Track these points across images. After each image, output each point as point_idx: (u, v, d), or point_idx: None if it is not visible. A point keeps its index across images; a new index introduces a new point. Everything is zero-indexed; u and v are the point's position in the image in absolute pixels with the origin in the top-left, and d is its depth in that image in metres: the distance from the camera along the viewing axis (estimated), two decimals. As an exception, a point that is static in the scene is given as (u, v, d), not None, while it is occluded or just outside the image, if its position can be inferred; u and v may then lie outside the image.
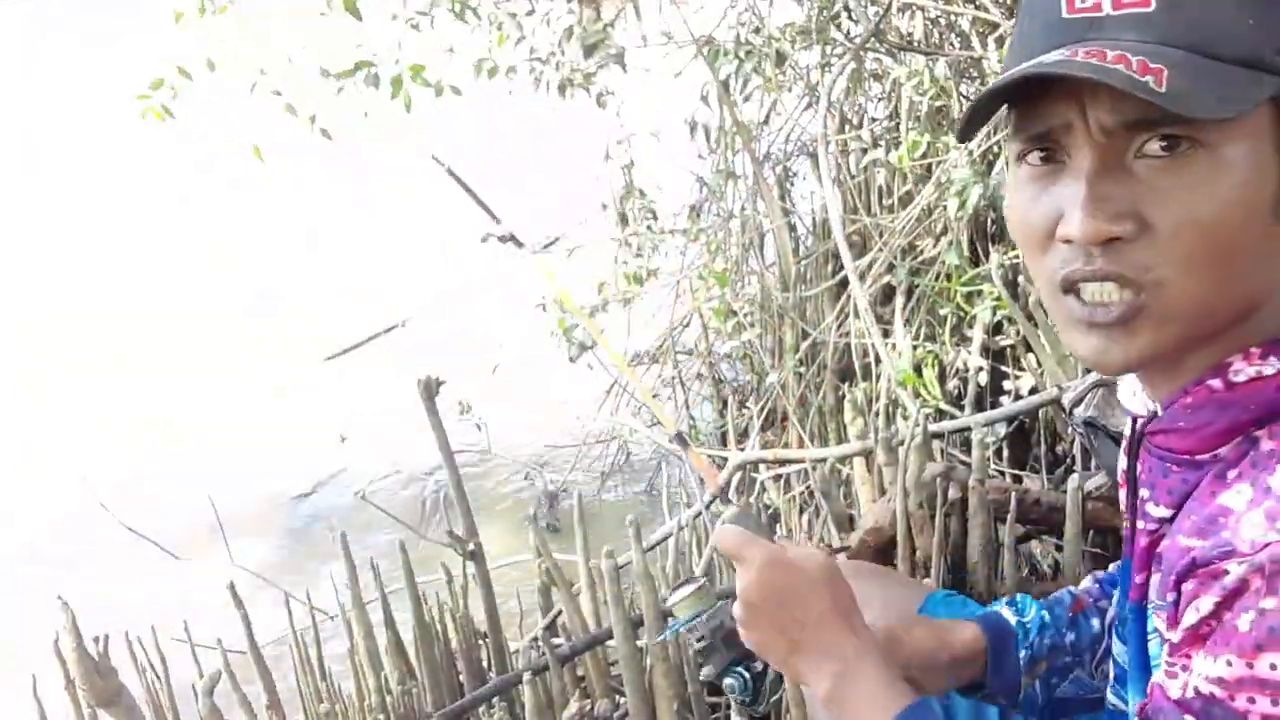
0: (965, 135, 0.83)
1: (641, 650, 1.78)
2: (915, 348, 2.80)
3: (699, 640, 1.08)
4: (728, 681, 1.08)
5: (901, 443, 1.82)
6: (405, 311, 5.61)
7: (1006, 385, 2.74)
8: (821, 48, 3.49)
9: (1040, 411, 2.47)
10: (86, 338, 5.89)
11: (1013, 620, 1.09)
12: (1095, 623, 1.08)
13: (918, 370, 2.72)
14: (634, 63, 3.49)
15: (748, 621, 0.95)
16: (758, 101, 3.63)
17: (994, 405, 2.70)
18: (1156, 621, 0.84)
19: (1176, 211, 0.69)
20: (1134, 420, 0.87)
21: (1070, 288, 0.74)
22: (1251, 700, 0.67)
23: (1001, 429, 2.56)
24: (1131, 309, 0.72)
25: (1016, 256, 2.91)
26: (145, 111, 2.86)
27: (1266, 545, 0.67)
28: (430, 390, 2.00)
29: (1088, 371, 1.14)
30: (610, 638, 1.83)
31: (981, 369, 2.76)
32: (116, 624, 2.00)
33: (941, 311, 2.87)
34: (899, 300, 2.98)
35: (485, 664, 2.09)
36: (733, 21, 3.53)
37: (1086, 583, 1.14)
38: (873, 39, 3.23)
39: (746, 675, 1.07)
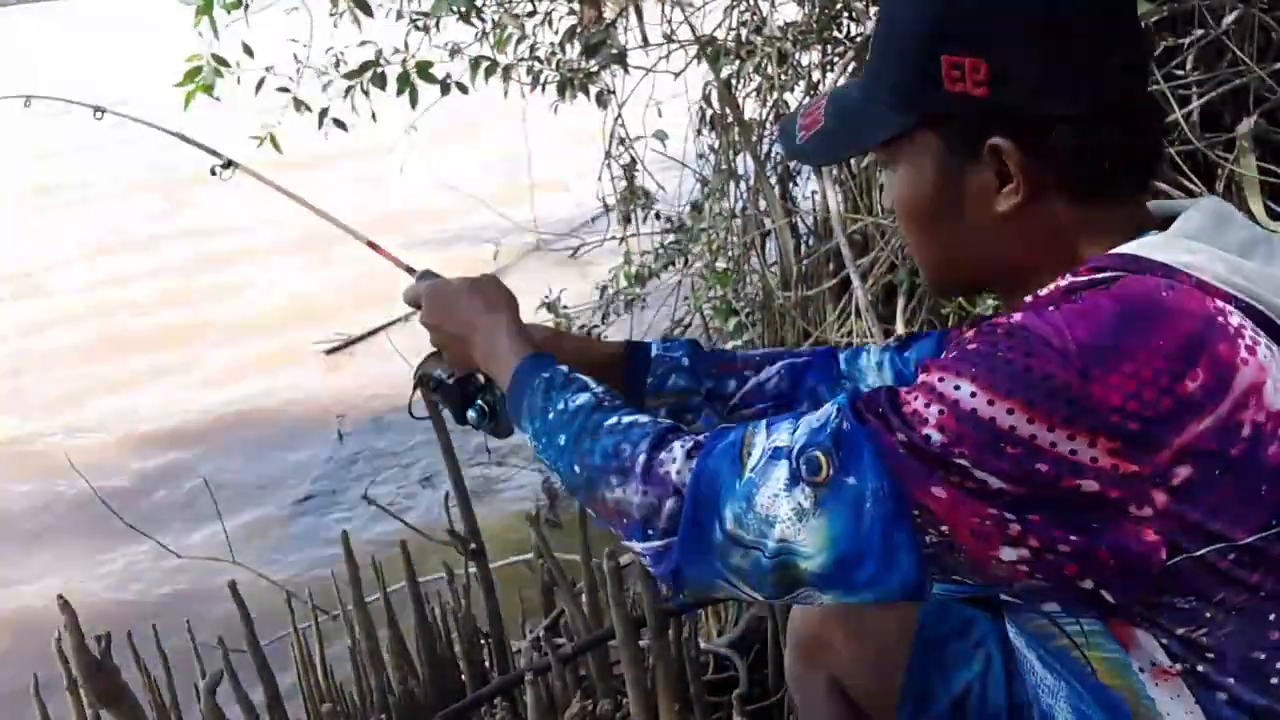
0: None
1: (644, 650, 1.78)
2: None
3: (434, 390, 1.26)
4: (470, 415, 1.24)
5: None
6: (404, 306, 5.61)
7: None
8: (823, 47, 3.49)
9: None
10: (81, 337, 5.90)
11: (654, 352, 1.31)
12: (731, 384, 1.29)
13: (919, 370, 2.71)
14: (635, 63, 3.49)
15: (436, 340, 1.24)
16: (759, 101, 3.63)
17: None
18: None
19: (893, 201, 1.02)
20: None
21: None
22: (915, 397, 0.85)
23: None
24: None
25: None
26: (189, 97, 2.89)
27: (996, 320, 0.86)
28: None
29: None
30: (612, 637, 1.82)
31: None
32: (118, 623, 2.00)
33: (943, 311, 2.87)
34: (901, 300, 2.98)
35: (487, 664, 2.09)
36: (734, 22, 3.53)
37: (762, 350, 1.41)
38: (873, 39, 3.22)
39: (482, 404, 1.24)
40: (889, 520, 0.84)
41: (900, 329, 2.91)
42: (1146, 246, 0.88)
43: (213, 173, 1.62)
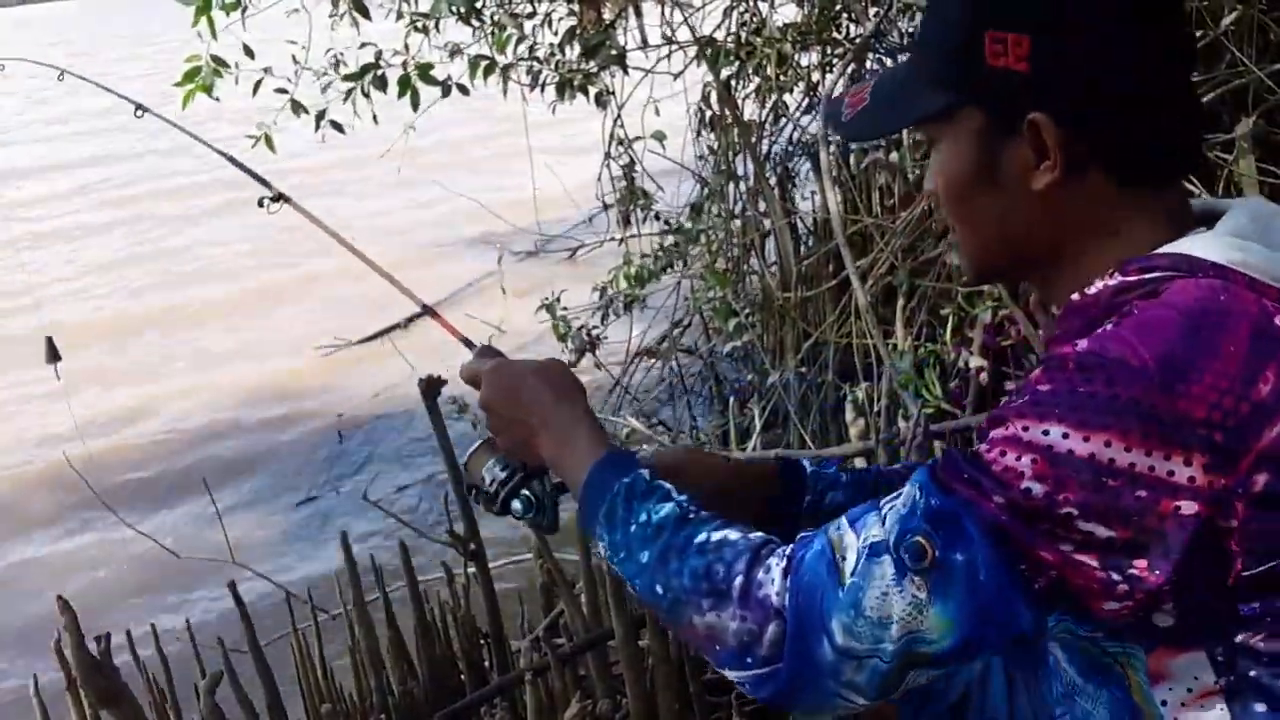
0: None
1: (643, 650, 1.78)
2: (916, 348, 2.80)
3: (490, 484, 1.14)
4: (515, 506, 1.14)
5: (903, 443, 1.82)
6: (405, 309, 5.63)
7: (1008, 385, 2.74)
8: (822, 48, 3.49)
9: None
10: (81, 336, 5.90)
11: (808, 468, 1.23)
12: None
13: (919, 370, 2.72)
14: (634, 64, 3.49)
15: (493, 426, 1.12)
16: (759, 102, 3.63)
17: (995, 405, 2.70)
18: None
19: (937, 182, 1.00)
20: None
21: None
22: (1002, 453, 0.82)
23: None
24: (954, 242, 1.08)
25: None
26: (187, 97, 2.90)
27: (1061, 351, 0.84)
28: (431, 390, 2.00)
29: None
30: (611, 637, 1.83)
31: (983, 369, 2.76)
32: (118, 623, 2.00)
33: (943, 312, 2.87)
34: (900, 300, 2.98)
35: (486, 664, 2.09)
36: (733, 23, 3.53)
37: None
38: (874, 39, 3.23)
39: (531, 495, 1.14)
40: (1004, 586, 0.82)
41: (900, 329, 2.91)
42: (1198, 245, 0.87)
43: (260, 204, 1.58)
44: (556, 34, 3.51)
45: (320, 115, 3.20)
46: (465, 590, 2.10)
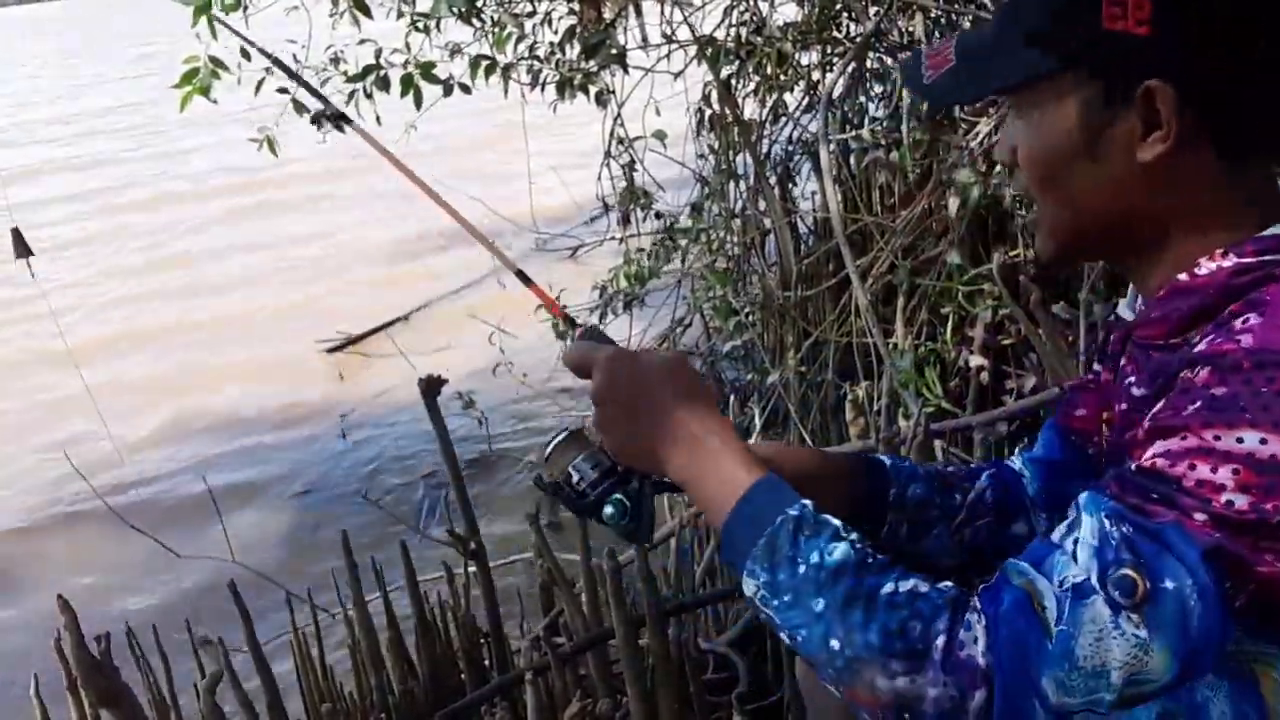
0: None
1: (643, 650, 1.78)
2: (917, 347, 2.80)
3: (579, 483, 1.03)
4: (607, 511, 1.02)
5: (903, 442, 1.82)
6: (407, 305, 5.63)
7: (1008, 384, 2.74)
8: (822, 47, 3.49)
9: (1041, 410, 2.47)
10: (80, 337, 5.90)
11: (889, 461, 1.19)
12: (957, 497, 1.18)
13: (919, 369, 2.72)
14: (634, 63, 3.49)
15: (604, 423, 0.98)
16: (759, 101, 3.63)
17: (996, 404, 2.70)
18: None
19: (1019, 150, 0.95)
20: (1125, 326, 1.02)
21: None
22: (1192, 466, 0.77)
23: (1003, 428, 2.56)
24: (1033, 217, 1.04)
25: (1017, 255, 2.92)
26: (185, 99, 2.89)
27: (1222, 349, 0.80)
28: (432, 389, 2.00)
29: (1089, 370, 1.19)
30: (611, 637, 1.83)
31: (983, 368, 2.76)
32: (118, 623, 2.00)
33: (943, 311, 2.87)
34: (900, 299, 2.98)
35: (486, 663, 2.09)
36: (733, 22, 3.53)
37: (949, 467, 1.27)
38: (874, 38, 3.23)
39: (625, 500, 1.03)
40: (1216, 606, 0.77)
41: (900, 328, 2.91)
42: None
43: (315, 122, 1.47)
44: (556, 33, 3.51)
45: (321, 114, 3.19)
46: (465, 590, 2.10)
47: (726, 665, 2.12)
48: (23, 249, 2.02)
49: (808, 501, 0.88)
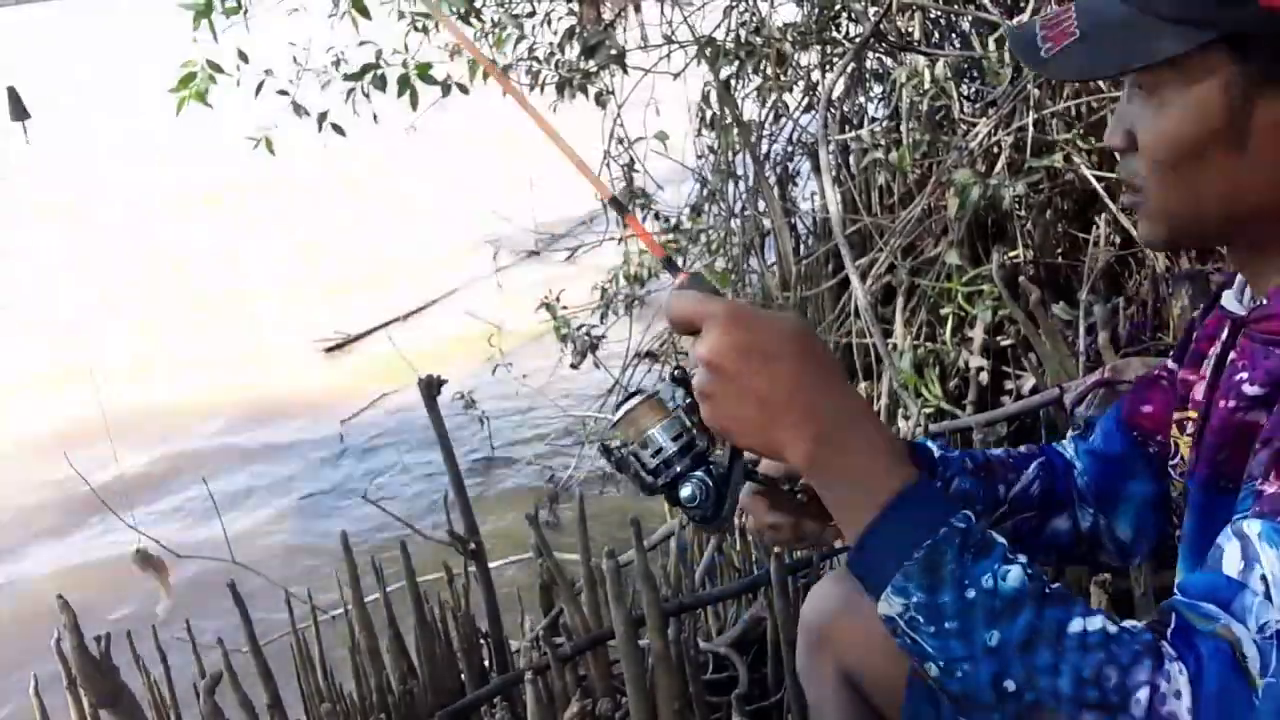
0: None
1: (643, 650, 1.78)
2: (916, 347, 2.80)
3: (655, 455, 0.89)
4: (686, 492, 0.89)
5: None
6: (406, 305, 5.63)
7: (1008, 385, 2.74)
8: (822, 48, 3.49)
9: (1041, 411, 2.47)
10: (89, 331, 5.90)
11: (937, 452, 1.13)
12: (1000, 489, 1.14)
13: (919, 370, 2.72)
14: (634, 63, 3.49)
15: (714, 390, 0.80)
16: (758, 101, 3.63)
17: (995, 405, 2.70)
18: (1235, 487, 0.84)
19: (1145, 133, 0.89)
20: (1232, 319, 0.97)
21: None
22: None
23: (1003, 428, 2.56)
24: (1133, 203, 0.93)
25: (1016, 256, 2.92)
26: (181, 103, 2.89)
27: None
28: (431, 389, 2.01)
29: (1089, 370, 1.18)
30: (611, 637, 1.83)
31: (982, 369, 2.76)
32: (117, 623, 2.00)
33: (942, 311, 2.87)
34: (900, 300, 2.98)
35: (486, 663, 2.09)
36: (733, 22, 3.53)
37: (996, 450, 1.20)
38: (873, 39, 3.23)
39: (707, 480, 0.88)
40: None
41: (899, 329, 2.91)
42: None
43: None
44: (556, 33, 3.51)
45: (322, 117, 3.20)
46: (465, 590, 2.10)
47: (726, 665, 2.12)
48: (20, 112, 1.95)
49: (970, 513, 0.76)
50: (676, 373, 0.92)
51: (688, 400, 0.90)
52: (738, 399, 0.80)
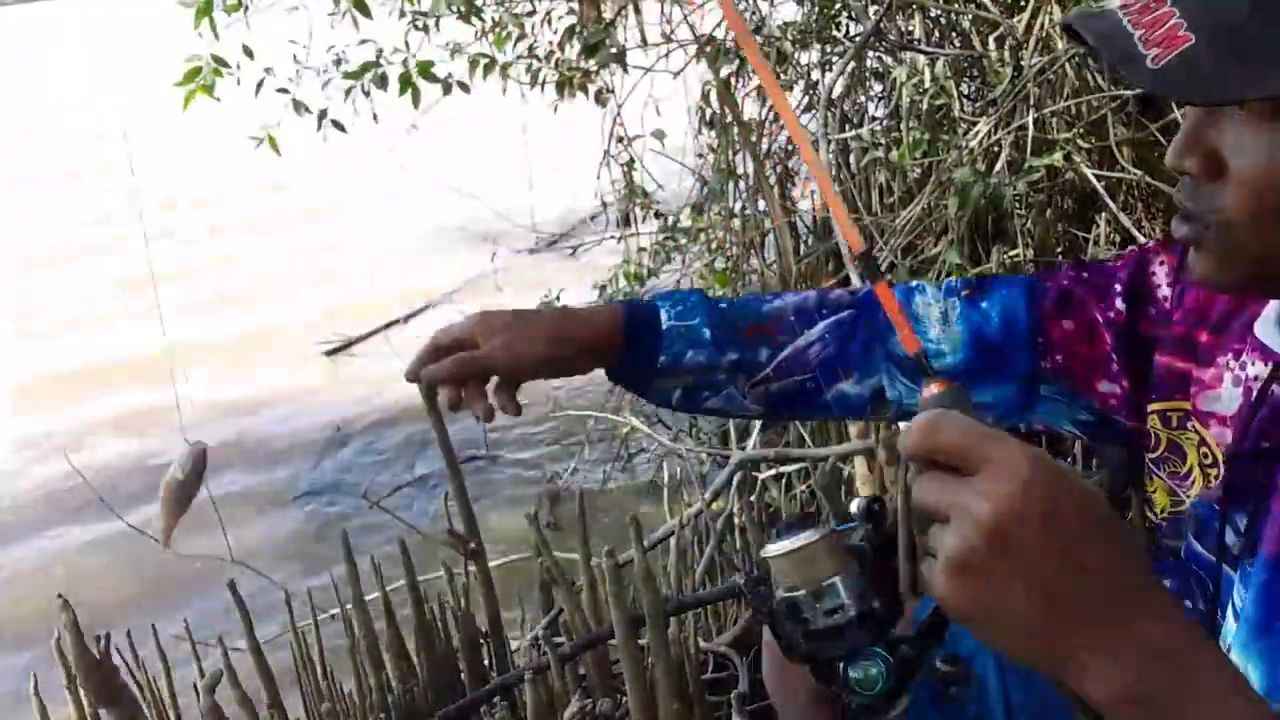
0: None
1: (643, 650, 1.78)
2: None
3: (830, 614, 0.69)
4: (859, 674, 0.69)
5: (902, 441, 1.81)
6: (407, 306, 5.63)
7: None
8: (822, 47, 3.49)
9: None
10: (88, 331, 5.90)
11: (665, 324, 1.06)
12: (763, 353, 1.06)
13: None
14: (634, 62, 3.49)
15: (984, 565, 0.57)
16: (759, 101, 3.63)
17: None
18: None
19: (1248, 164, 0.73)
20: (1278, 364, 0.86)
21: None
22: None
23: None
24: (1194, 237, 0.78)
25: (1016, 255, 2.92)
26: (188, 98, 2.89)
27: None
28: (431, 389, 2.00)
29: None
30: (611, 636, 1.83)
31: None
32: (117, 622, 2.00)
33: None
34: (900, 299, 2.98)
35: (486, 663, 2.09)
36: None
37: (793, 300, 1.10)
38: (873, 38, 3.23)
39: (888, 664, 0.69)
40: None
41: (899, 328, 2.90)
42: None
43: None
44: (556, 32, 3.51)
45: (322, 114, 3.20)
46: (465, 590, 2.10)
47: (727, 665, 2.12)
48: None
49: None
50: (874, 506, 0.75)
51: (877, 543, 0.73)
52: (1024, 587, 0.57)
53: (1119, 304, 1.00)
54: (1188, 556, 0.93)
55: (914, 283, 1.10)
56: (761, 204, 3.58)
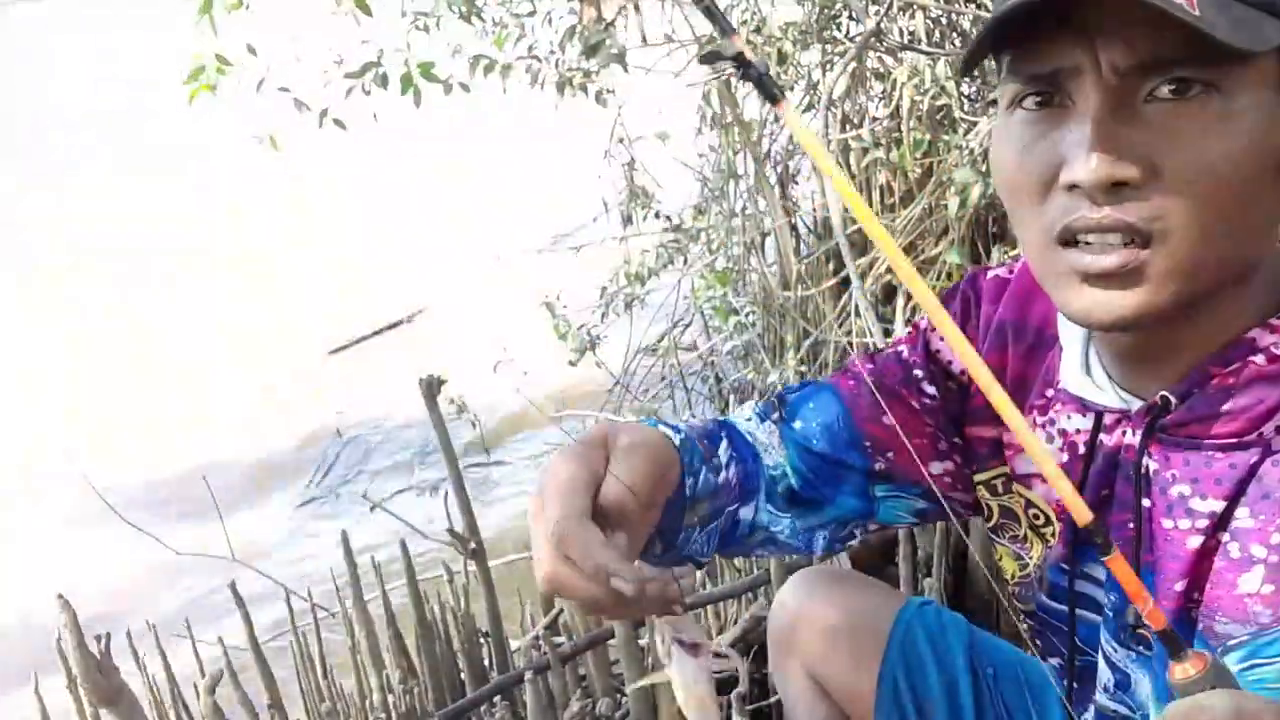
0: (967, 70, 0.78)
1: (643, 650, 1.78)
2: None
3: None
4: None
5: (903, 442, 1.81)
6: (410, 306, 5.63)
7: (1008, 384, 2.73)
8: (822, 47, 3.49)
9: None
10: (83, 332, 5.90)
11: (676, 439, 0.86)
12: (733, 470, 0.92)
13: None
14: (635, 62, 3.49)
15: None
16: (759, 100, 3.63)
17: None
18: (1219, 624, 0.74)
19: (1189, 158, 0.66)
20: (1100, 415, 0.80)
21: (1070, 239, 0.69)
22: None
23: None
24: (1134, 261, 0.68)
25: (1018, 255, 2.91)
26: (193, 95, 2.89)
27: None
28: (432, 389, 2.00)
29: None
30: (612, 636, 1.83)
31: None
32: (118, 622, 2.00)
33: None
34: (900, 300, 2.98)
35: (487, 662, 2.09)
36: (734, 21, 3.52)
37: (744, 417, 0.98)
38: (874, 38, 3.23)
39: None
40: None
41: (900, 329, 2.90)
42: None
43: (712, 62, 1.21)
44: (556, 32, 3.51)
45: (323, 114, 3.20)
46: (465, 590, 2.10)
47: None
48: None
49: None
50: None
51: None
52: None
53: (929, 388, 0.95)
54: (1042, 612, 0.93)
55: (721, 417, 0.99)
56: (761, 204, 3.58)
